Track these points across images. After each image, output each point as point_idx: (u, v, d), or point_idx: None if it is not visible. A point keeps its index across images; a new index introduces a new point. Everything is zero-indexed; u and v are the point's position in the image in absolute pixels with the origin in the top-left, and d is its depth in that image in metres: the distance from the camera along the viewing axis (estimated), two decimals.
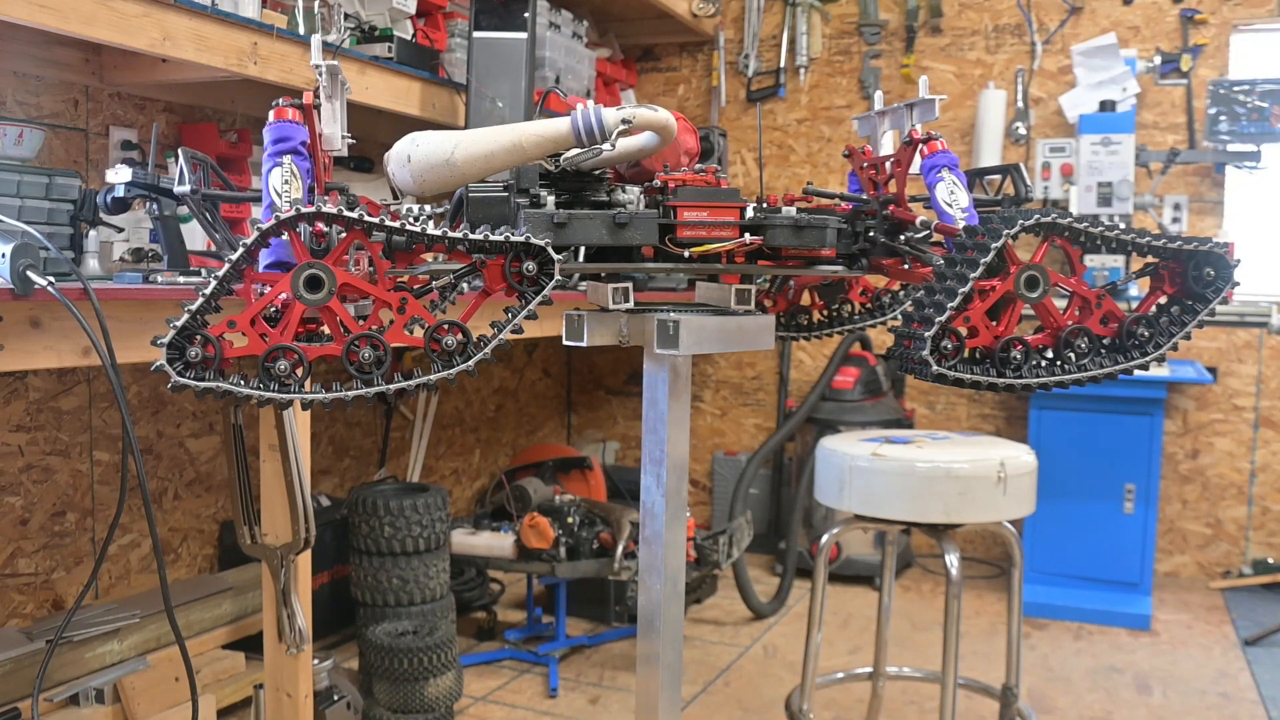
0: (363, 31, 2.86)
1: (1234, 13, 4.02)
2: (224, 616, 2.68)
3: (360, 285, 1.14)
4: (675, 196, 1.29)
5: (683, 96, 4.78)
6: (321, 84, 1.27)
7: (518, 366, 4.63)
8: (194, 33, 2.25)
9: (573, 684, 3.03)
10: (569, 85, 3.58)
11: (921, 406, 4.45)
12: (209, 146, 2.70)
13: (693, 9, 4.35)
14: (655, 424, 1.41)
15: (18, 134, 2.05)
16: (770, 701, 2.91)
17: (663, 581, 1.42)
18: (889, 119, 1.47)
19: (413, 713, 2.60)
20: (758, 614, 3.62)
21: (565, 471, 4.05)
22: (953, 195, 1.33)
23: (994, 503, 2.04)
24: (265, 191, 1.21)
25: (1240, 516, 4.08)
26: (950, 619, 2.07)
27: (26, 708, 2.05)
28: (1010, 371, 1.22)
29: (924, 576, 4.17)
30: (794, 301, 1.67)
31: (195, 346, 1.09)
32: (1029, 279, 1.21)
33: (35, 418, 2.58)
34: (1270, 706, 2.91)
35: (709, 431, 4.77)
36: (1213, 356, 4.08)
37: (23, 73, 2.48)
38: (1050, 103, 4.22)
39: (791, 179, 4.61)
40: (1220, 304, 1.29)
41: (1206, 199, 4.07)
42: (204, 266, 2.01)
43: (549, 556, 3.08)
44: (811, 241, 1.29)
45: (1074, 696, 2.98)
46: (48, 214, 1.94)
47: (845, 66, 4.52)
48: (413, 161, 1.24)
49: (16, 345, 1.58)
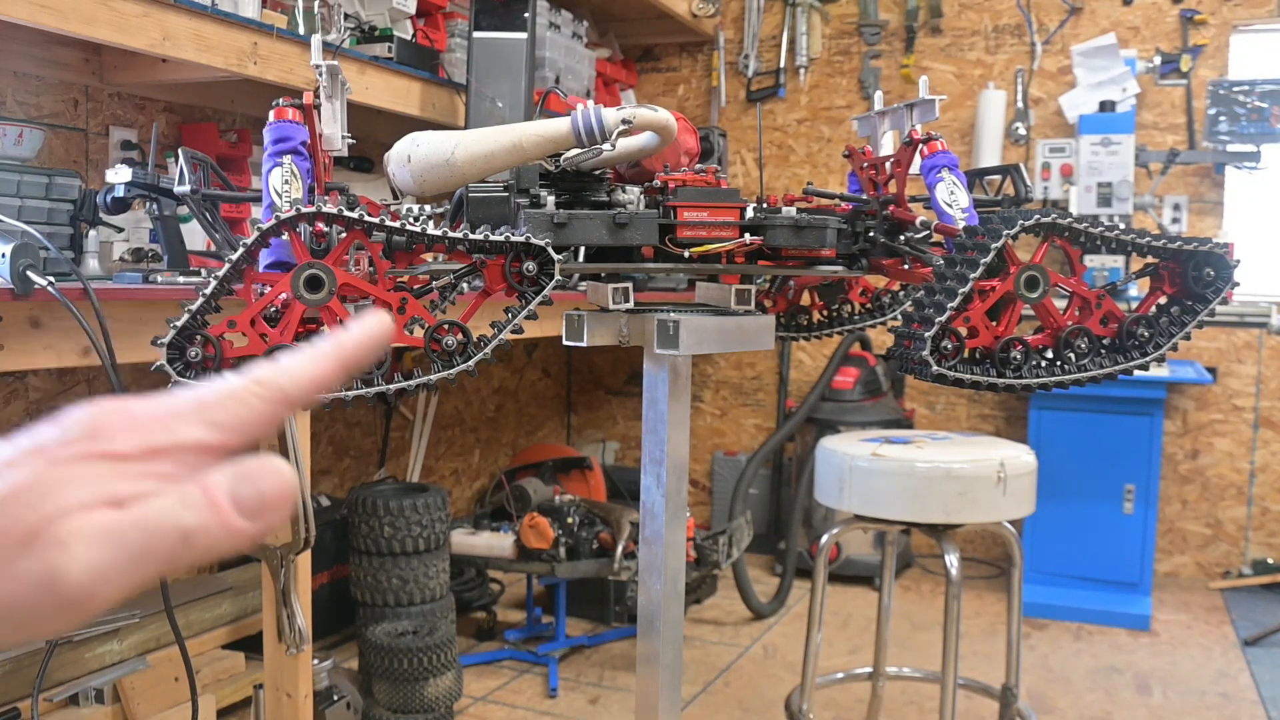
0: (363, 31, 2.86)
1: (1234, 13, 4.02)
2: (224, 616, 2.68)
3: (360, 285, 1.14)
4: (675, 196, 1.29)
5: (683, 96, 4.78)
6: (321, 84, 1.27)
7: (518, 366, 4.63)
8: (194, 33, 2.25)
9: (572, 684, 3.03)
10: (569, 85, 3.58)
11: (921, 406, 4.45)
12: (209, 146, 2.70)
13: (693, 9, 4.35)
14: (655, 424, 1.41)
15: (18, 134, 2.05)
16: (770, 701, 2.91)
17: (663, 581, 1.42)
18: (889, 119, 1.47)
19: (412, 713, 2.60)
20: (758, 614, 3.62)
21: (565, 472, 4.05)
22: (953, 195, 1.33)
23: (994, 503, 2.04)
24: (265, 191, 1.21)
25: (1240, 517, 4.08)
26: (950, 619, 2.07)
27: (26, 708, 2.05)
28: (1010, 372, 1.22)
29: (924, 576, 4.17)
30: (794, 301, 1.67)
31: (195, 346, 1.09)
32: (1029, 279, 1.21)
33: (35, 418, 2.57)
34: (1270, 707, 2.91)
35: (709, 431, 4.77)
36: (1212, 357, 4.08)
37: (23, 73, 2.48)
38: (1050, 103, 4.22)
39: (791, 179, 4.61)
40: (1220, 304, 1.29)
41: (1206, 199, 4.08)
42: (204, 266, 2.01)
43: (549, 556, 3.08)
44: (811, 242, 1.29)
45: (1074, 697, 2.98)
46: (48, 214, 1.94)
47: (845, 67, 4.52)
48: (413, 161, 1.24)
49: (16, 345, 1.58)
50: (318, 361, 0.44)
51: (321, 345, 0.44)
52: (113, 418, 0.40)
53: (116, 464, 0.39)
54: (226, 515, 0.38)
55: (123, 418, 0.40)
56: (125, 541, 0.37)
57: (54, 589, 0.36)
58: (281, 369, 0.43)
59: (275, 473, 0.39)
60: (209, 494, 0.38)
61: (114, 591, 0.37)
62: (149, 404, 0.41)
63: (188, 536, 0.38)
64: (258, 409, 0.41)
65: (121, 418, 0.40)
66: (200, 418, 0.40)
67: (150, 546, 0.37)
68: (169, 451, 0.40)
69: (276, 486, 0.39)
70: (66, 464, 0.38)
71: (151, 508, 0.38)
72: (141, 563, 0.37)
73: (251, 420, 0.41)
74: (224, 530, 0.38)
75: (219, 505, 0.38)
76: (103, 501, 0.38)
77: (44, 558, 0.36)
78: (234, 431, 0.41)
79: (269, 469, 0.39)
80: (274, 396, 0.42)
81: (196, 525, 0.38)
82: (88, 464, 0.38)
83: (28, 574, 0.36)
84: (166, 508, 0.38)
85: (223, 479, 0.39)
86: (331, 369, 0.44)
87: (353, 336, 0.45)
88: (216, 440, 0.40)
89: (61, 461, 0.38)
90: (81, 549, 0.36)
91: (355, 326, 0.45)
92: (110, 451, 0.39)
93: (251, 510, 0.39)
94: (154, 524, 0.37)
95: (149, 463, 0.39)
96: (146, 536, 0.37)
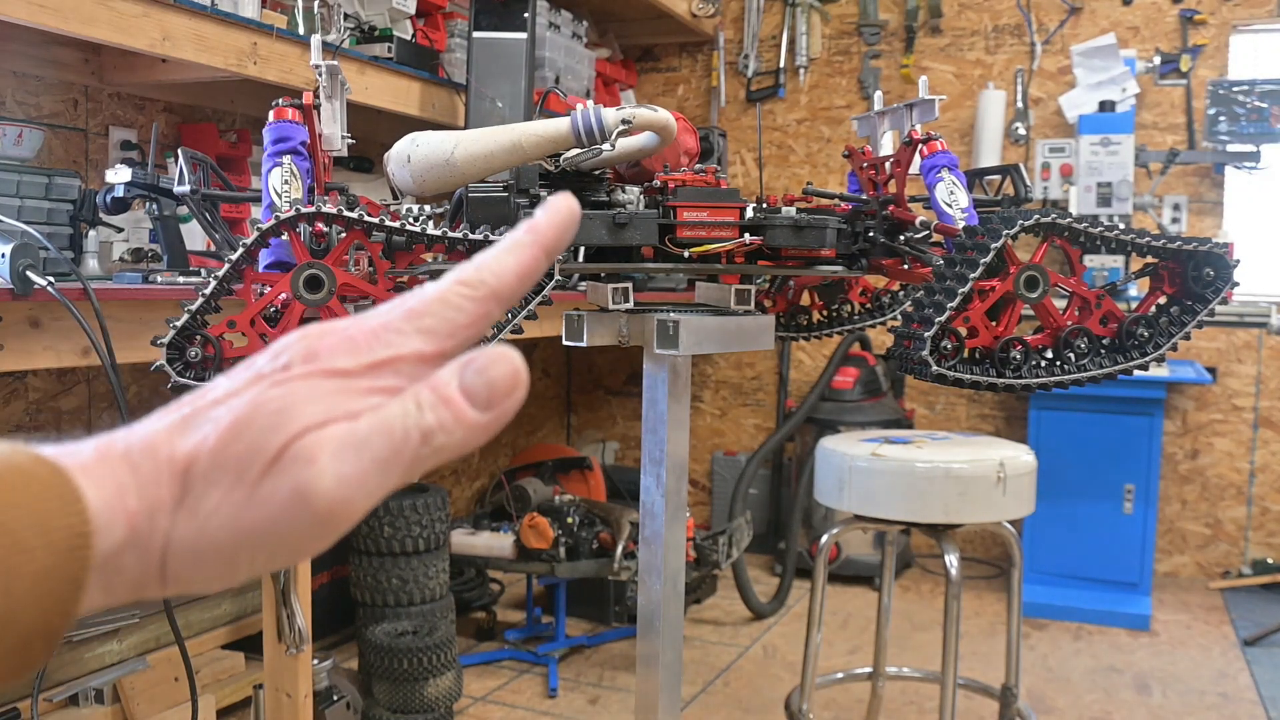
0: (362, 31, 2.86)
1: (1233, 13, 4.02)
2: (223, 616, 2.68)
3: (360, 285, 1.14)
4: (675, 196, 1.29)
5: (682, 97, 4.78)
6: (321, 84, 1.27)
7: None
8: (194, 33, 2.25)
9: (572, 684, 3.03)
10: (569, 85, 3.58)
11: (921, 406, 4.45)
12: (209, 146, 2.70)
13: (692, 9, 4.35)
14: (655, 424, 1.41)
15: (17, 134, 2.05)
16: (770, 701, 2.91)
17: (662, 581, 1.42)
18: (889, 119, 1.47)
19: (412, 713, 2.60)
20: (757, 614, 3.62)
21: (565, 471, 4.05)
22: (952, 195, 1.33)
23: (993, 503, 2.04)
24: (265, 191, 1.21)
25: (1240, 517, 4.09)
26: (950, 619, 2.07)
27: (26, 708, 2.05)
28: (1010, 372, 1.22)
29: (924, 576, 4.17)
30: (794, 301, 1.67)
31: (195, 346, 1.09)
32: (1029, 279, 1.21)
33: (35, 418, 2.58)
34: (1270, 706, 2.91)
35: (709, 431, 4.77)
36: (1212, 357, 4.08)
37: (23, 73, 2.48)
38: (1050, 103, 4.22)
39: (791, 179, 4.61)
40: (1220, 304, 1.29)
41: (1206, 199, 4.08)
42: (204, 266, 2.01)
43: (548, 556, 3.08)
44: (811, 242, 1.29)
45: (1073, 697, 2.98)
46: (47, 214, 1.94)
47: (845, 67, 4.52)
48: (413, 161, 1.24)
49: (16, 345, 1.58)
50: (518, 251, 0.42)
51: (516, 234, 0.43)
52: (328, 339, 0.40)
53: (342, 380, 0.39)
54: (461, 408, 0.38)
55: (338, 338, 0.40)
56: (369, 448, 0.37)
57: (307, 504, 0.37)
58: (484, 265, 0.42)
59: (502, 359, 0.39)
60: (440, 391, 0.38)
61: (366, 500, 0.37)
62: (360, 321, 0.41)
63: (427, 435, 0.38)
64: (469, 310, 0.41)
65: (336, 338, 0.40)
66: (414, 327, 0.40)
67: (394, 450, 0.37)
68: (390, 363, 0.40)
69: (506, 373, 0.39)
70: (293, 383, 0.38)
71: (388, 412, 0.38)
72: (388, 468, 0.38)
73: (464, 323, 0.41)
74: (460, 424, 0.38)
75: (452, 399, 0.38)
76: (338, 416, 0.38)
77: (292, 474, 0.37)
78: (450, 337, 0.41)
79: (496, 356, 0.39)
80: (483, 295, 0.41)
81: (434, 423, 0.38)
82: (315, 381, 0.38)
83: (278, 493, 0.37)
84: (403, 411, 0.38)
85: (450, 375, 0.39)
86: (533, 256, 0.42)
87: (545, 219, 0.43)
88: (433, 348, 0.40)
89: (288, 382, 0.38)
90: (328, 461, 0.37)
91: (544, 210, 0.44)
92: (334, 369, 0.39)
93: (484, 401, 0.38)
94: (394, 427, 0.37)
95: (373, 377, 0.39)
96: (389, 440, 0.37)
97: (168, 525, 0.37)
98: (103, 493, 0.36)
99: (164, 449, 0.38)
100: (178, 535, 0.37)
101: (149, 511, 0.37)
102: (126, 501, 0.37)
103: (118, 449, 0.38)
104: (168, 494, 0.37)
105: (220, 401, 0.39)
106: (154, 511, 0.37)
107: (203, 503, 0.37)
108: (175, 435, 0.38)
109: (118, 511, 0.36)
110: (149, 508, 0.37)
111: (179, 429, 0.38)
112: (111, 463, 0.37)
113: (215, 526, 0.37)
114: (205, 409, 0.39)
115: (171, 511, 0.37)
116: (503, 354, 0.39)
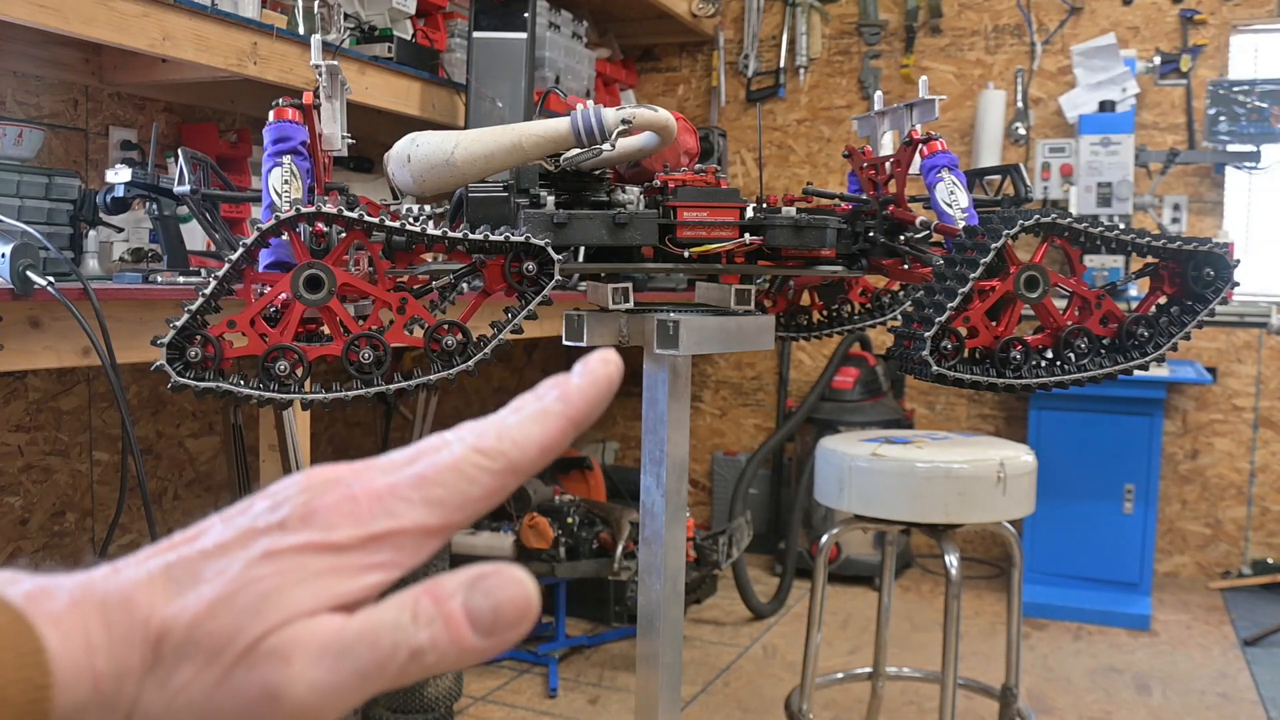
0: (362, 31, 2.86)
1: (1234, 13, 4.02)
2: None
3: (360, 285, 1.14)
4: (675, 196, 1.29)
5: (682, 97, 4.78)
6: (321, 84, 1.27)
7: (517, 366, 4.63)
8: (194, 33, 2.25)
9: (572, 684, 3.03)
10: (569, 85, 3.58)
11: (921, 406, 4.45)
12: (209, 146, 2.70)
13: (693, 9, 4.35)
14: (655, 424, 1.41)
15: (17, 134, 2.05)
16: (770, 701, 2.91)
17: (662, 581, 1.42)
18: (889, 119, 1.47)
19: (412, 713, 2.60)
20: (757, 614, 3.62)
21: (565, 471, 4.05)
22: (952, 195, 1.33)
23: (994, 503, 2.04)
24: (265, 191, 1.21)
25: (1240, 517, 4.09)
26: (950, 619, 2.07)
27: None
28: (1010, 371, 1.22)
29: (924, 576, 4.17)
30: (794, 301, 1.67)
31: (195, 346, 1.09)
32: (1029, 279, 1.21)
33: (35, 418, 2.58)
34: (1270, 707, 2.91)
35: (709, 431, 4.77)
36: (1212, 357, 4.08)
37: (23, 73, 2.48)
38: (1050, 103, 4.22)
39: (791, 179, 4.61)
40: (1220, 304, 1.29)
41: (1206, 199, 4.08)
42: (204, 266, 2.01)
43: (548, 556, 3.08)
44: (811, 242, 1.30)
45: (1073, 697, 2.98)
46: (47, 214, 1.95)
47: (845, 67, 4.52)
48: (413, 161, 1.24)
49: (16, 345, 1.58)
50: (545, 421, 0.39)
51: (547, 400, 0.39)
52: (328, 496, 0.37)
53: (336, 555, 0.36)
54: (460, 632, 0.35)
55: (339, 496, 0.37)
56: (351, 657, 0.35)
57: (276, 706, 0.34)
58: (506, 434, 0.38)
59: (514, 583, 0.35)
60: (442, 605, 0.35)
61: (338, 709, 0.35)
62: (365, 477, 0.38)
63: (417, 654, 0.35)
64: (484, 483, 0.38)
65: (338, 497, 0.37)
66: (421, 496, 0.37)
67: (378, 664, 0.35)
68: (390, 536, 0.37)
69: (516, 602, 0.35)
70: (284, 557, 0.36)
71: (380, 620, 0.35)
72: (368, 681, 0.35)
73: (477, 496, 0.38)
74: (456, 649, 0.35)
75: (453, 618, 0.35)
76: (326, 605, 0.35)
77: (265, 671, 0.34)
78: (459, 510, 0.38)
79: (508, 579, 0.35)
80: (500, 468, 0.38)
81: (427, 643, 0.35)
82: (306, 557, 0.36)
83: (248, 687, 0.34)
84: (395, 623, 0.35)
85: (457, 588, 0.36)
86: (560, 430, 0.39)
87: (579, 388, 0.40)
88: (439, 521, 0.37)
89: (279, 554, 0.36)
90: (305, 665, 0.34)
91: (580, 374, 0.40)
92: (329, 542, 0.36)
93: (487, 627, 0.35)
94: (383, 640, 0.35)
95: (370, 552, 0.36)
96: (374, 653, 0.35)
97: (135, 692, 0.35)
98: (70, 647, 0.34)
99: (142, 608, 0.35)
100: (144, 704, 0.35)
101: (117, 675, 0.35)
102: (95, 661, 0.34)
103: (94, 597, 0.35)
104: (139, 660, 0.35)
105: (209, 555, 0.36)
106: (122, 676, 0.35)
107: (173, 677, 0.35)
108: (156, 592, 0.36)
109: (84, 670, 0.34)
110: (117, 671, 0.35)
111: (161, 582, 0.36)
112: (85, 613, 0.35)
113: (182, 704, 0.35)
114: (192, 560, 0.36)
115: (140, 679, 0.35)
116: (515, 579, 0.36)
